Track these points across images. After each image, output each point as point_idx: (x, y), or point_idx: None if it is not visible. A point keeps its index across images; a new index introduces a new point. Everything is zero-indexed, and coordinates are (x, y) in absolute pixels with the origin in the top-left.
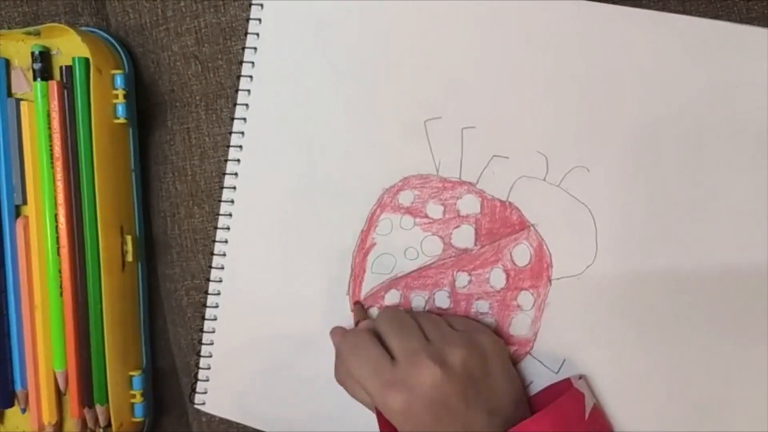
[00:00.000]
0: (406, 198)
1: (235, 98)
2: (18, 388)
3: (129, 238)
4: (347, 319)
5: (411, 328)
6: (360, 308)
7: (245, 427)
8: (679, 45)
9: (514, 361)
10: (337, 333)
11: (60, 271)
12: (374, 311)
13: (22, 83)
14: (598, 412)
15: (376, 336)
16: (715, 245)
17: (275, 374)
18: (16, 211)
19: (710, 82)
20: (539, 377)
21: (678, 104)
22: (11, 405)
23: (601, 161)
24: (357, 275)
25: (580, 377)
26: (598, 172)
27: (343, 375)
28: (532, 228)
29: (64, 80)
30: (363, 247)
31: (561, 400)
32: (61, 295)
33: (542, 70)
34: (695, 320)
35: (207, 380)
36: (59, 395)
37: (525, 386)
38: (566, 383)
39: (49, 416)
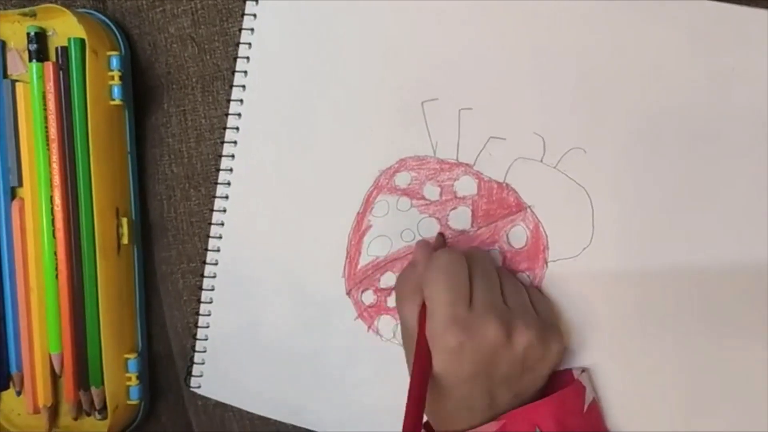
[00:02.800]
0: (402, 179)
1: (232, 80)
2: (13, 371)
3: (125, 220)
4: (343, 301)
5: (498, 288)
6: (442, 238)
7: (240, 410)
8: (679, 28)
9: None
10: (425, 246)
11: (55, 254)
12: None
13: (18, 64)
14: (596, 407)
15: None
16: (713, 228)
17: (271, 357)
18: (12, 193)
19: (711, 66)
20: None
21: (678, 87)
22: (7, 387)
23: (598, 143)
24: (352, 257)
25: (583, 371)
26: (595, 154)
27: (408, 285)
28: (528, 210)
29: (60, 62)
30: (359, 229)
31: (564, 391)
32: (56, 277)
33: (540, 51)
34: (693, 302)
35: (203, 363)
36: (55, 378)
37: None
38: (567, 374)
39: (44, 399)
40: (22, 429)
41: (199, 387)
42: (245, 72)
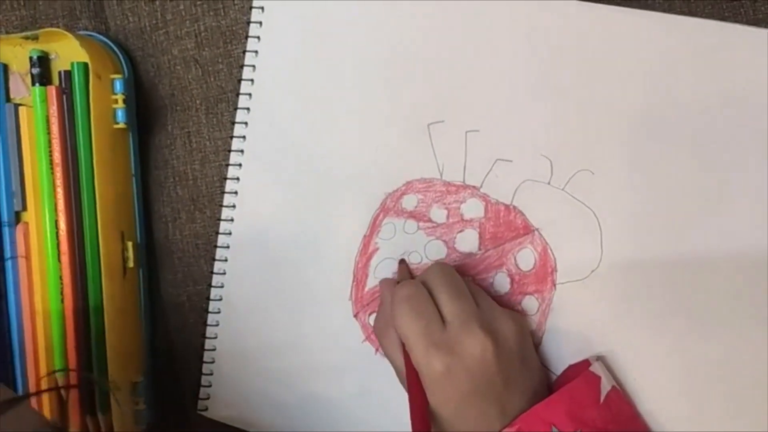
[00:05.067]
0: (409, 202)
1: (236, 102)
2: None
3: (130, 244)
4: (350, 324)
5: (464, 291)
6: (405, 268)
7: None
8: (684, 47)
9: None
10: (389, 283)
11: (61, 278)
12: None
13: (21, 88)
14: (617, 395)
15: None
16: (722, 247)
17: (278, 380)
18: (16, 218)
19: (716, 84)
20: None
21: (683, 106)
22: None
23: (605, 164)
24: (359, 280)
25: (598, 359)
26: (603, 176)
27: (383, 325)
28: (536, 232)
29: (63, 85)
30: (365, 252)
31: (574, 383)
32: (62, 301)
33: (546, 73)
34: (704, 322)
35: (209, 386)
36: (61, 402)
37: None
38: (584, 363)
39: None
40: None
41: (206, 410)
42: (249, 94)
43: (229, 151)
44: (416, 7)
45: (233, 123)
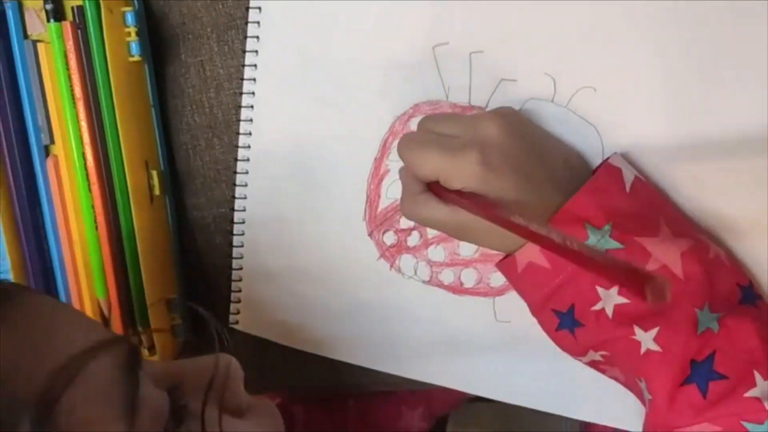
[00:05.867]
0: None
1: (246, 30)
2: None
3: (154, 172)
4: (365, 243)
5: (455, 114)
6: None
7: (276, 345)
8: None
9: None
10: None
11: (93, 207)
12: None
13: (37, 24)
14: (641, 183)
15: None
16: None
17: (301, 294)
18: (46, 151)
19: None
20: None
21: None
22: None
23: (607, 81)
24: (372, 201)
25: (614, 154)
26: (605, 92)
27: (409, 202)
28: None
29: (77, 21)
30: (377, 174)
31: (595, 177)
32: (96, 229)
33: None
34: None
35: (239, 302)
36: (105, 322)
37: None
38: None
39: None
40: None
41: (237, 323)
42: (258, 23)
43: (242, 79)
44: None
45: (244, 52)
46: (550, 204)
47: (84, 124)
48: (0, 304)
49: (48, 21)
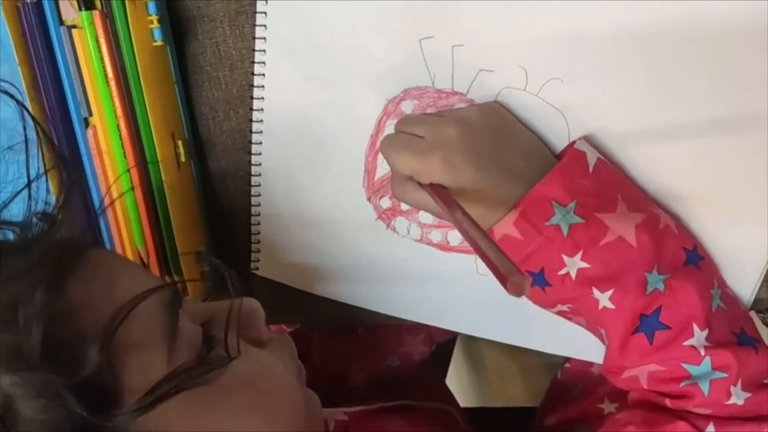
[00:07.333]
0: (407, 107)
1: (254, 18)
2: None
3: (180, 142)
4: (364, 206)
5: (426, 117)
6: None
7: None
8: None
9: None
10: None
11: (128, 171)
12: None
13: (69, 10)
14: (604, 164)
15: None
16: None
17: (309, 247)
18: (85, 122)
19: None
20: None
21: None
22: None
23: (573, 73)
24: (369, 171)
25: (580, 138)
26: (571, 83)
27: (396, 187)
28: None
29: (105, 10)
30: (373, 149)
31: (562, 161)
32: (132, 190)
33: None
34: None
35: (258, 251)
36: (144, 265)
37: None
38: (570, 145)
39: None
40: None
41: (257, 269)
42: (265, 13)
43: (253, 62)
44: None
45: (254, 38)
46: (507, 191)
47: (117, 101)
48: (76, 259)
49: (80, 9)
